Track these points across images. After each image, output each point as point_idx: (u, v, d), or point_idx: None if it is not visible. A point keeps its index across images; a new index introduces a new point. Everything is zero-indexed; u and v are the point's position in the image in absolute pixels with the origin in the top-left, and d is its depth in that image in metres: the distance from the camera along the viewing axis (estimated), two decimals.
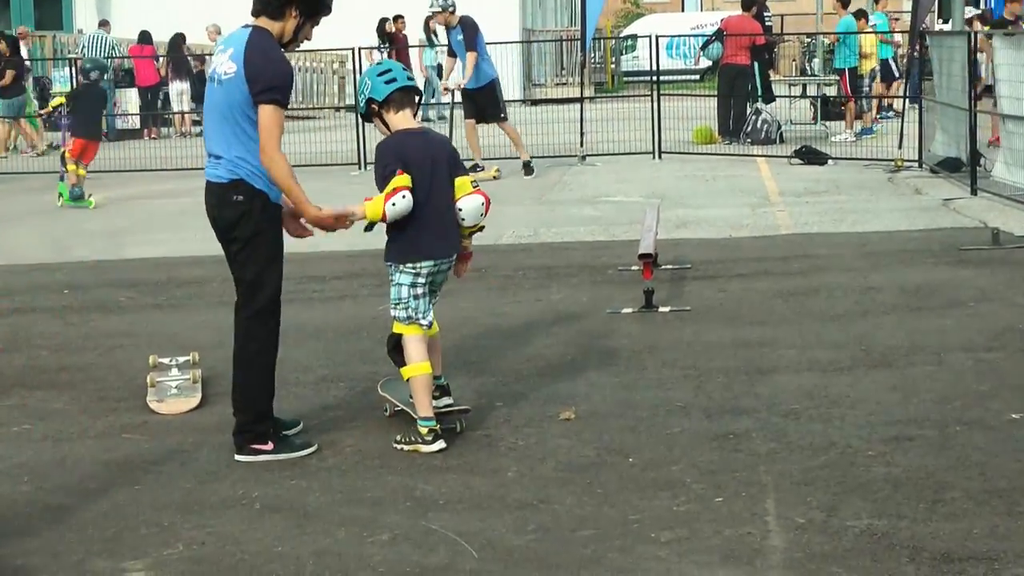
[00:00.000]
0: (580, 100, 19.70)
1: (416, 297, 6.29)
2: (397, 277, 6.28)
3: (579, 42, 22.65)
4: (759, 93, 20.12)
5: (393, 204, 6.06)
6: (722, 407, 6.70)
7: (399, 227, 6.19)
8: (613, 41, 40.06)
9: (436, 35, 25.01)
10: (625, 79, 39.38)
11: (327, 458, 6.13)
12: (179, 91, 25.22)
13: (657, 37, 19.95)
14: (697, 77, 35.14)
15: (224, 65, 6.06)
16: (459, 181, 6.31)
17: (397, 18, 26.79)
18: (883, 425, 6.29)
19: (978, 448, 5.91)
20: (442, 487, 5.67)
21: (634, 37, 40.80)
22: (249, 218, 6.08)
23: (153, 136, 24.71)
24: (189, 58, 25.49)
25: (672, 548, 4.92)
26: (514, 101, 27.21)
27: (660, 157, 18.72)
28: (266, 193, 6.10)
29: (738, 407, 6.69)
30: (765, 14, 21.36)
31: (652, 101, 19.21)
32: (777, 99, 20.98)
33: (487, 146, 17.65)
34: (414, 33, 26.93)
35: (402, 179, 6.07)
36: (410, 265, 6.25)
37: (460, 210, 6.30)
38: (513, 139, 17.25)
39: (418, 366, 6.24)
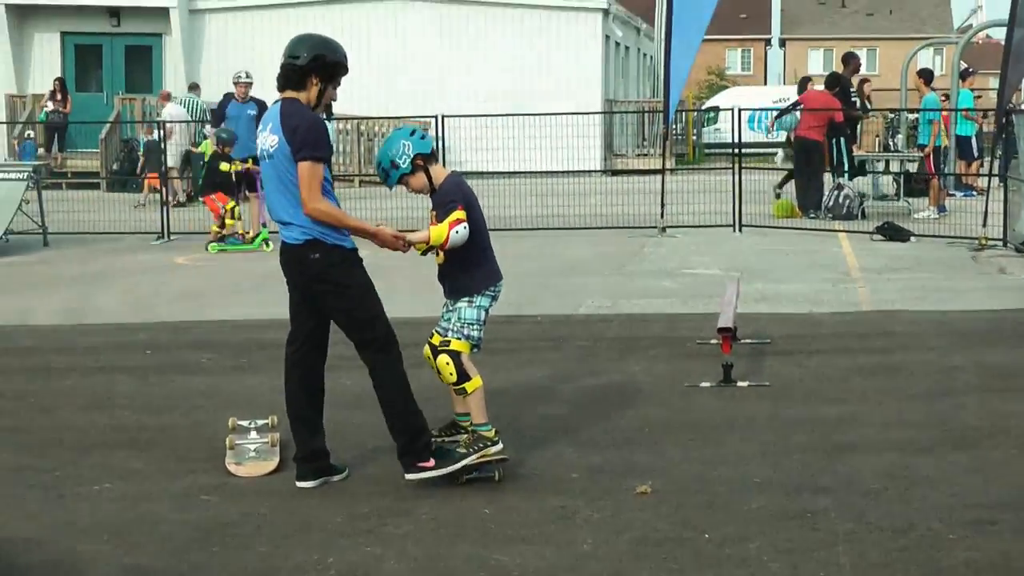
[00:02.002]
0: (661, 171, 19.73)
1: (486, 322, 6.96)
2: (478, 301, 6.91)
3: (661, 113, 22.68)
4: (845, 168, 20.05)
5: (456, 232, 6.72)
6: (800, 485, 6.64)
7: (469, 261, 6.88)
8: (695, 113, 40.13)
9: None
10: (706, 151, 39.43)
11: (402, 525, 6.14)
12: None
13: (740, 110, 19.96)
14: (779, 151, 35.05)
15: (267, 141, 6.64)
16: None
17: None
18: (964, 508, 6.20)
19: None
20: (517, 558, 5.66)
21: (716, 109, 40.88)
22: (331, 270, 6.63)
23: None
24: None
25: None
26: (594, 171, 27.33)
27: (741, 230, 18.68)
28: (340, 244, 6.64)
29: (816, 485, 6.62)
30: (852, 90, 21.30)
31: (733, 174, 19.20)
32: (861, 174, 20.88)
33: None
34: None
35: (462, 213, 6.75)
36: (491, 288, 6.97)
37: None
38: None
39: (479, 379, 6.87)
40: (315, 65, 6.62)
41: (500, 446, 6.83)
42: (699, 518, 6.16)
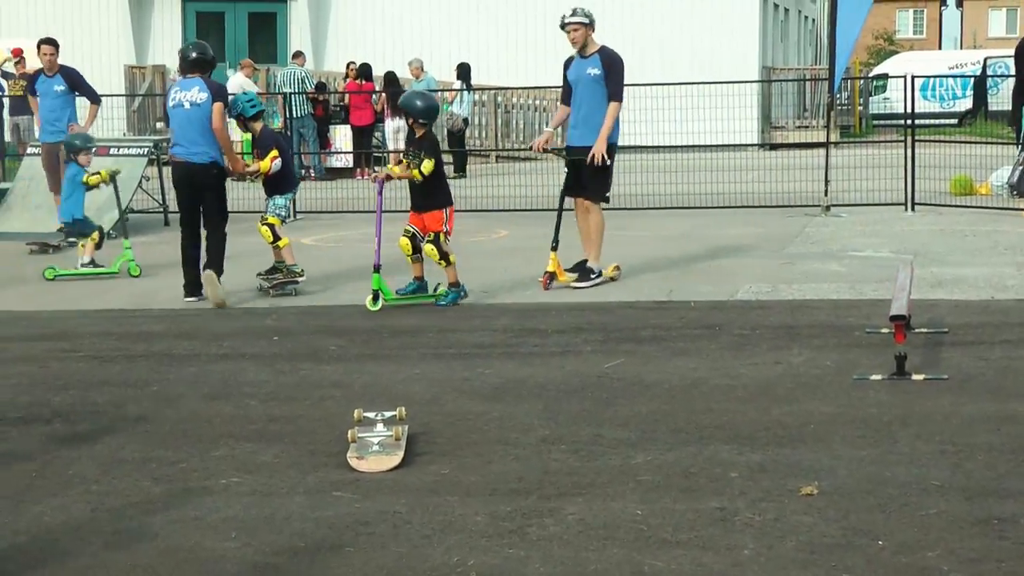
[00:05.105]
0: (825, 145, 19.50)
1: (288, 208, 13.75)
2: (287, 195, 13.55)
3: (824, 81, 22.44)
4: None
5: (275, 165, 12.91)
6: (985, 488, 6.53)
7: (280, 177, 13.14)
8: (862, 81, 39.60)
9: None
10: (874, 122, 38.90)
11: (547, 526, 6.16)
12: (395, 128, 25.79)
13: (912, 77, 19.62)
14: (955, 121, 34.47)
15: (196, 95, 12.47)
16: None
17: None
18: None
19: None
20: (672, 563, 5.65)
21: (885, 76, 40.29)
22: (220, 181, 12.66)
23: (365, 176, 25.31)
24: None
25: None
26: (750, 145, 27.11)
27: (913, 209, 18.39)
28: (223, 167, 12.57)
29: (1004, 489, 6.50)
30: None
31: (905, 147, 18.92)
32: None
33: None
34: None
35: (275, 152, 12.94)
36: (292, 190, 13.73)
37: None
38: None
39: (287, 239, 13.12)
40: (214, 60, 12.87)
41: (304, 277, 12.92)
42: (871, 523, 6.09)
